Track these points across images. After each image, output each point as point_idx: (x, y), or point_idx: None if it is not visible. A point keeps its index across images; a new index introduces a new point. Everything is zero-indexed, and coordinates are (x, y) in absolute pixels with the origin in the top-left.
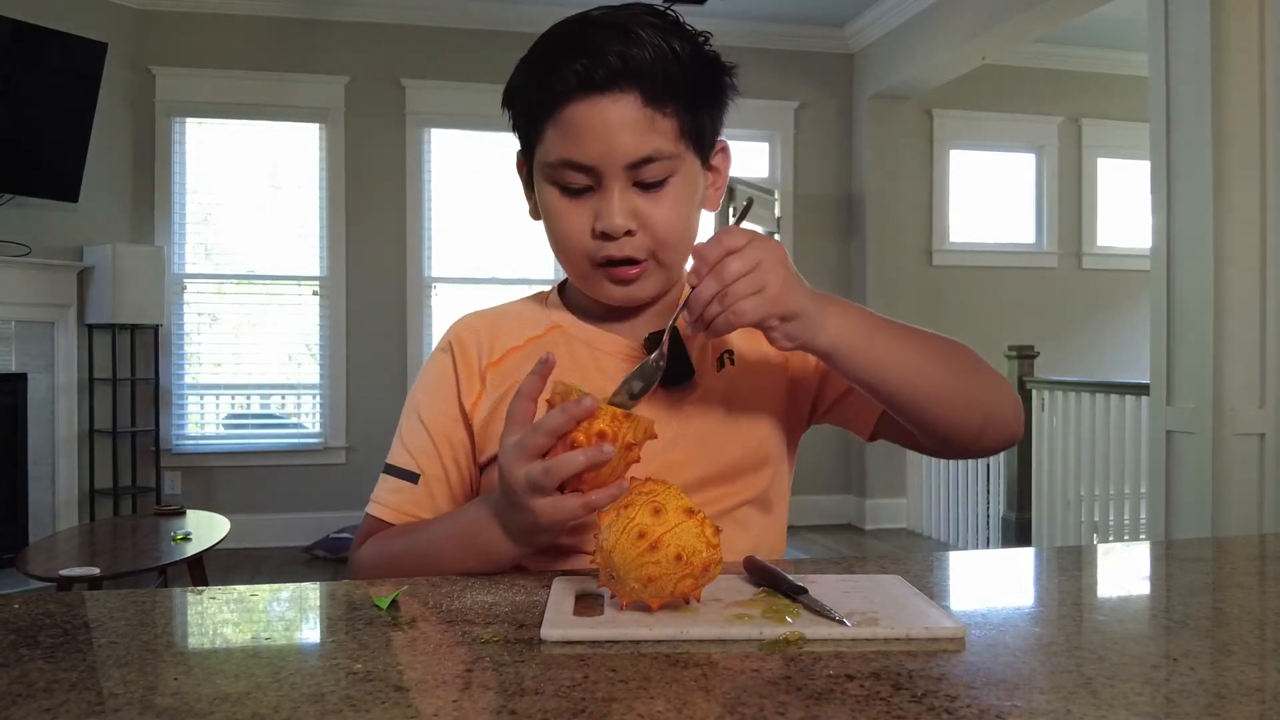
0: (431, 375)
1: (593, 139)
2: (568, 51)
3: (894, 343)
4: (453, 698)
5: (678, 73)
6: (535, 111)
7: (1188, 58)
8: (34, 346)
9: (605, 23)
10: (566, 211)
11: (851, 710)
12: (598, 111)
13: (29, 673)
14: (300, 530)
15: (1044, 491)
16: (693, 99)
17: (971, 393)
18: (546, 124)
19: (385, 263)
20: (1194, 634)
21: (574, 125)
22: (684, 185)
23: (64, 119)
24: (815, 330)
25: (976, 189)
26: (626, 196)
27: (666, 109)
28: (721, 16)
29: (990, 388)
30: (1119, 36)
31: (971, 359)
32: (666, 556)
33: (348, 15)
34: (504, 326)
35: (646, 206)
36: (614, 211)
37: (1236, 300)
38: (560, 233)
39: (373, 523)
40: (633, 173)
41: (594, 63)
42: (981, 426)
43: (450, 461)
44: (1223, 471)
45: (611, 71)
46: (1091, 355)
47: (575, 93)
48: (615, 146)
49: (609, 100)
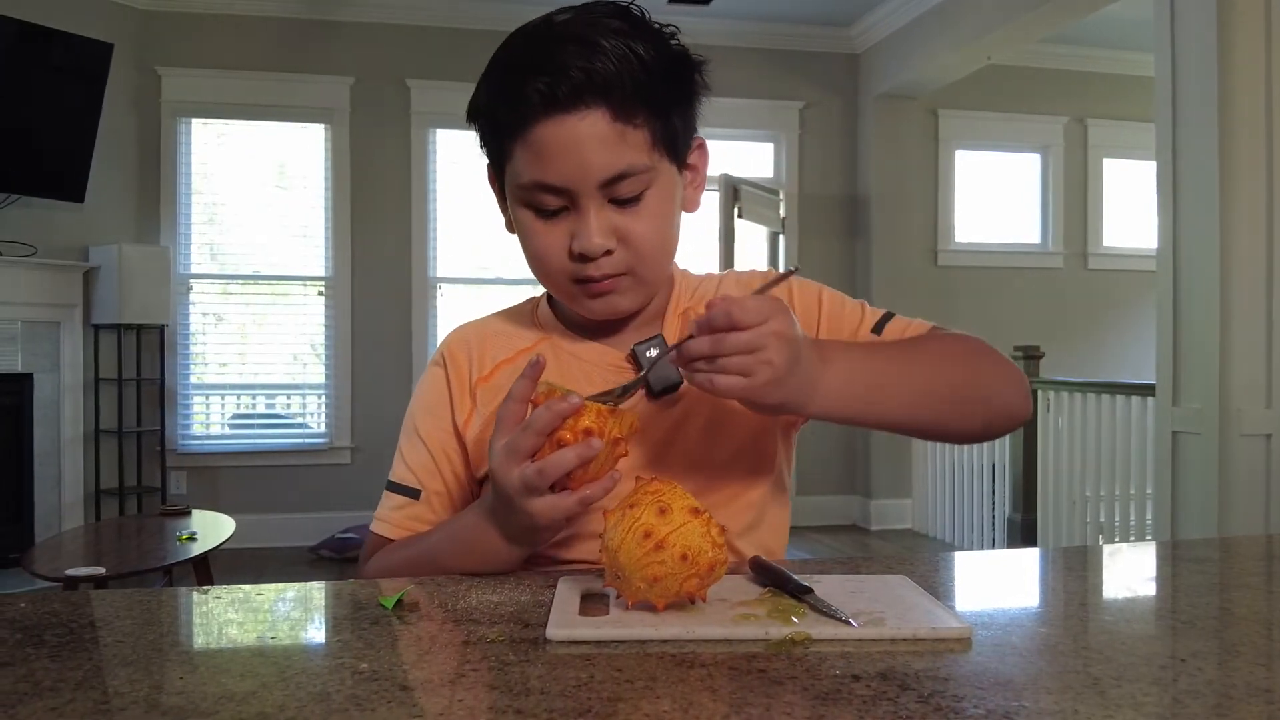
0: (427, 390)
1: (563, 159)
2: (530, 69)
3: (888, 390)
4: (458, 697)
5: (645, 80)
6: (502, 131)
7: (1194, 58)
8: (40, 346)
9: (567, 34)
10: (542, 232)
11: (858, 710)
12: (566, 130)
13: (35, 671)
14: (305, 530)
15: (1049, 492)
16: (663, 105)
17: (973, 400)
18: (515, 144)
19: (390, 263)
20: (1201, 635)
21: (543, 145)
22: (661, 196)
23: (69, 119)
24: (797, 409)
25: (982, 189)
26: (603, 214)
27: (636, 120)
28: (726, 16)
29: (990, 383)
30: (1125, 36)
31: (971, 362)
32: (672, 556)
33: (353, 16)
34: (493, 339)
35: (624, 223)
36: (591, 232)
37: (1243, 301)
38: (537, 253)
39: (377, 540)
40: (607, 190)
41: (557, 80)
42: (983, 426)
43: (451, 476)
44: (1229, 472)
45: (576, 88)
46: (1097, 356)
47: (540, 112)
48: (587, 166)
49: (576, 118)
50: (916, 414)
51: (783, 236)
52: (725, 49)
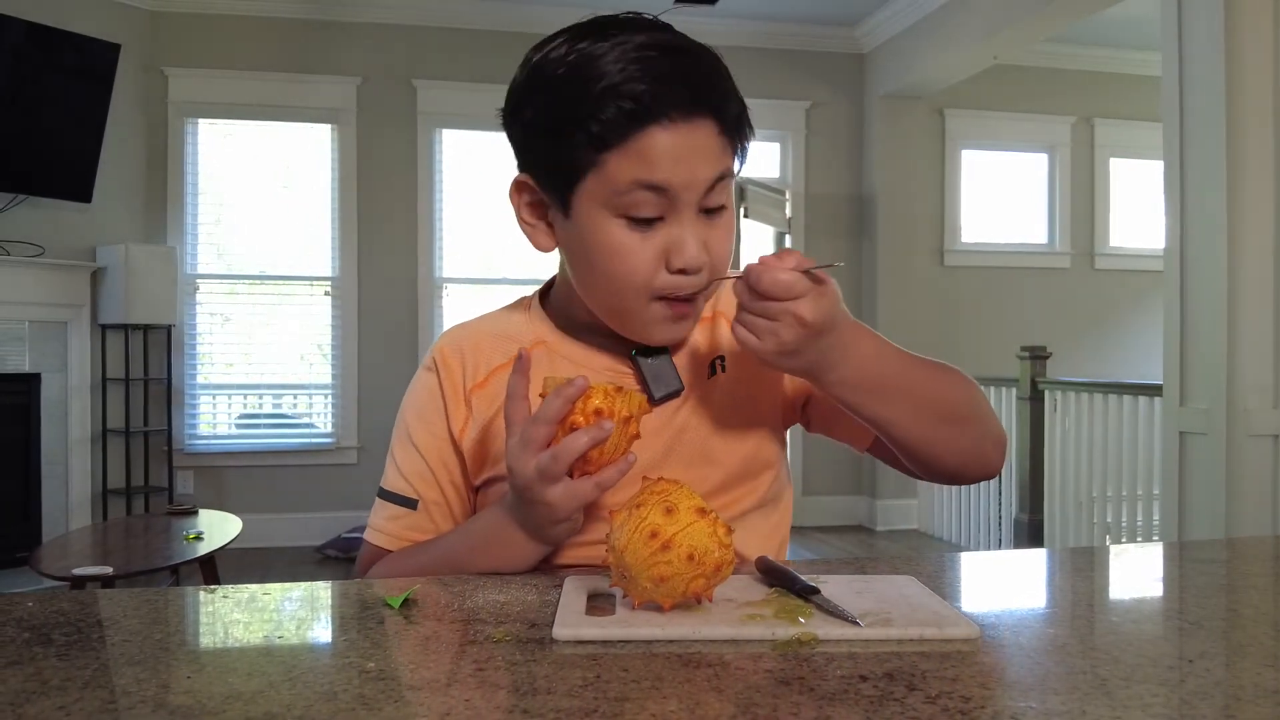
0: (419, 396)
1: (673, 162)
2: (633, 77)
3: (899, 389)
4: (465, 697)
5: (738, 109)
6: (597, 140)
7: (1201, 57)
8: (47, 346)
9: (670, 46)
10: (635, 246)
11: (865, 711)
12: (681, 136)
13: (43, 671)
14: (312, 530)
15: (1056, 493)
16: (742, 135)
17: (967, 425)
18: (611, 152)
19: (397, 263)
20: (1209, 635)
21: (652, 150)
22: (731, 207)
23: (77, 120)
24: (813, 380)
25: (988, 189)
26: (698, 225)
27: (732, 139)
28: (733, 16)
29: (978, 433)
30: (1132, 36)
31: (969, 400)
32: (679, 556)
33: (360, 16)
34: (487, 343)
35: (709, 235)
36: (693, 243)
37: (1250, 300)
38: (626, 270)
39: (373, 550)
40: (704, 198)
41: (673, 90)
42: (958, 468)
43: (447, 483)
44: (1236, 473)
45: (695, 98)
46: (1104, 356)
47: (653, 119)
48: (696, 170)
49: (690, 126)
50: (919, 419)
51: (789, 236)
52: (731, 49)
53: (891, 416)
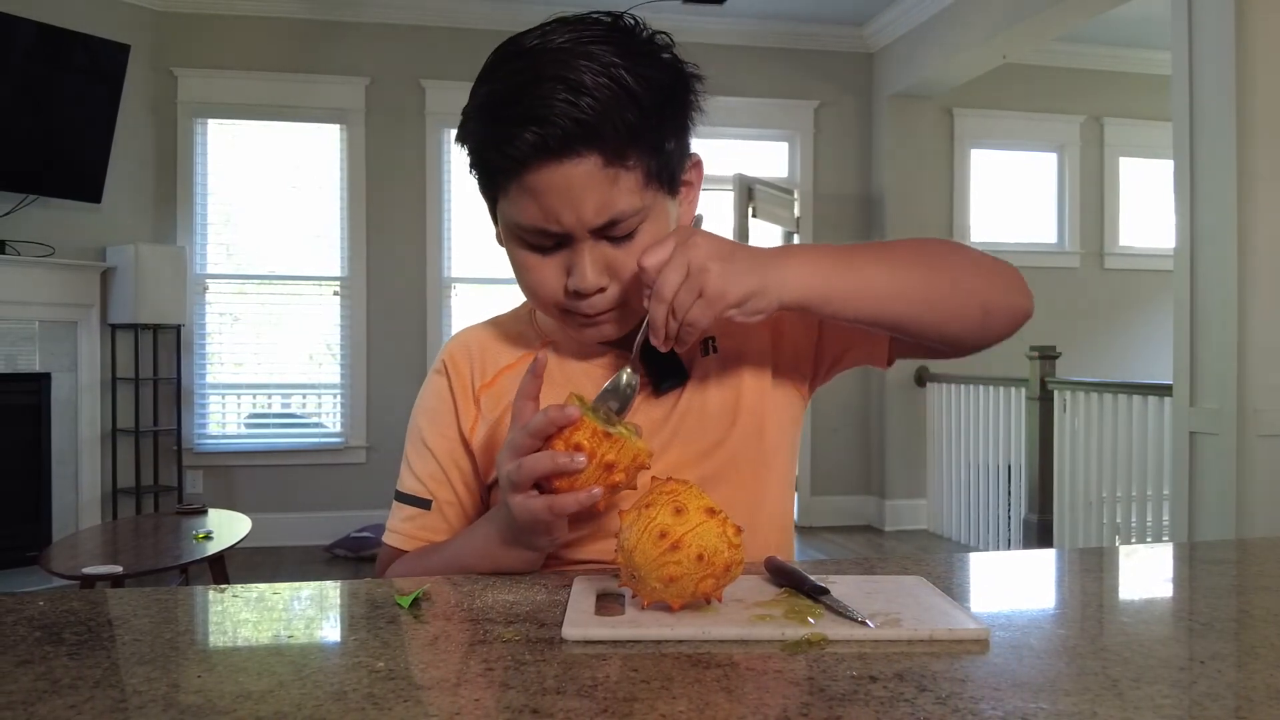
0: (430, 398)
1: (558, 204)
2: (517, 118)
3: (864, 270)
4: (474, 696)
5: (635, 121)
6: (495, 174)
7: (1211, 56)
8: (57, 346)
9: (550, 73)
10: (535, 267)
11: (875, 712)
12: (559, 176)
13: (53, 670)
14: (321, 529)
15: (1065, 493)
16: (655, 141)
17: (958, 286)
18: (510, 184)
19: (405, 263)
20: (1220, 637)
21: (537, 191)
22: (655, 229)
23: (87, 120)
24: (775, 296)
25: (998, 189)
26: (597, 251)
27: (629, 162)
28: (740, 16)
29: (975, 272)
30: (1141, 35)
31: (945, 251)
32: (688, 556)
33: (368, 17)
34: (494, 344)
35: (618, 257)
36: (586, 272)
37: (1260, 300)
38: (530, 286)
39: (391, 552)
40: (607, 229)
41: (546, 128)
42: (982, 315)
43: (460, 484)
44: (1247, 473)
45: (566, 136)
46: (1114, 356)
47: (532, 159)
48: (581, 210)
49: (570, 165)
50: (900, 295)
51: (797, 236)
52: (739, 48)
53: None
